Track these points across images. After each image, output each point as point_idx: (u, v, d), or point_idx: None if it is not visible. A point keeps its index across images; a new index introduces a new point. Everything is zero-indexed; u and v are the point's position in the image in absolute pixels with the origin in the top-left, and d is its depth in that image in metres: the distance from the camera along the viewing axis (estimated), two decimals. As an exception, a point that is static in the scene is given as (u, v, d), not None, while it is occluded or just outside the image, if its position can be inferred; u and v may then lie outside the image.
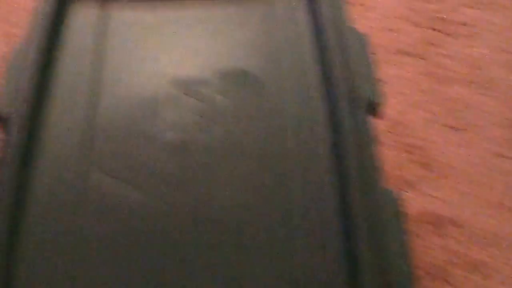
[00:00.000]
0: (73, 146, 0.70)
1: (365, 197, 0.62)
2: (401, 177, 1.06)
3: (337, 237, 0.62)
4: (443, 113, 1.16)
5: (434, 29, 1.31)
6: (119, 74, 0.77)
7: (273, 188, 0.66)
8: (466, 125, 1.14)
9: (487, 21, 1.34)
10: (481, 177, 1.06)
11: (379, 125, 0.71)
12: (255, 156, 0.69)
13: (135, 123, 0.72)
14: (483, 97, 1.19)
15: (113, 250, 0.62)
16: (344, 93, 0.70)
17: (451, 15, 1.34)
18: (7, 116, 0.70)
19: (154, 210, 0.65)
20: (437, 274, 0.96)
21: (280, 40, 0.80)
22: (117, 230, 0.64)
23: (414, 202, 1.03)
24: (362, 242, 0.60)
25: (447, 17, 1.33)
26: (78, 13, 0.84)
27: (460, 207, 1.03)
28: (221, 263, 0.61)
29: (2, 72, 0.74)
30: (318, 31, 0.79)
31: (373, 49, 0.77)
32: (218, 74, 0.77)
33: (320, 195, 0.65)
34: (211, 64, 0.78)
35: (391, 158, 1.09)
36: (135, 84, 0.76)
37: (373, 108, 0.71)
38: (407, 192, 1.05)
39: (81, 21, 0.83)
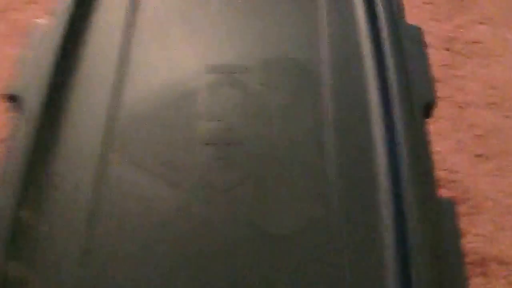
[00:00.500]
0: (96, 134, 0.61)
1: (422, 210, 0.55)
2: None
3: (392, 252, 0.54)
4: (469, 141, 1.09)
5: (447, 50, 1.25)
6: (149, 59, 0.69)
7: (320, 195, 0.58)
8: (495, 152, 1.07)
9: (500, 37, 1.28)
10: (523, 209, 1.00)
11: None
12: (300, 155, 0.60)
13: (167, 112, 0.63)
14: (506, 120, 1.13)
15: (138, 255, 0.54)
16: (399, 93, 0.62)
17: (463, 34, 1.28)
18: (22, 96, 0.61)
19: (187, 208, 0.56)
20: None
21: (330, 28, 0.71)
22: (143, 233, 0.55)
23: (452, 241, 0.96)
24: (418, 256, 0.52)
25: (459, 36, 1.28)
26: None
27: (502, 243, 0.96)
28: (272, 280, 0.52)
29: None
30: (371, 22, 0.71)
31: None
32: (261, 61, 0.68)
33: (371, 203, 0.57)
34: (252, 50, 0.69)
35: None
36: (167, 70, 0.68)
37: (428, 110, 0.63)
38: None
39: (110, 1, 0.74)
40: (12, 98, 0.62)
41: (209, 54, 0.69)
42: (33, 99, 0.61)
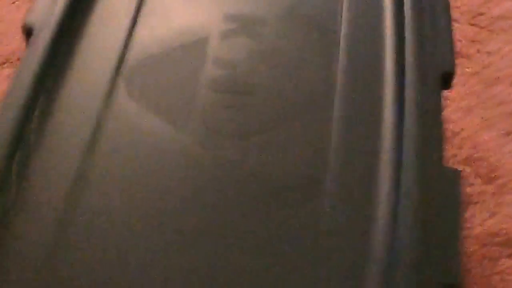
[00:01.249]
0: (104, 70, 0.61)
1: (422, 174, 0.53)
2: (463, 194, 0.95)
3: (386, 221, 0.51)
4: (497, 118, 1.05)
5: (473, 25, 1.20)
6: (166, 4, 0.68)
7: (319, 150, 0.56)
8: (525, 130, 1.03)
9: (527, 13, 1.23)
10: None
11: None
12: (307, 109, 0.59)
13: (177, 55, 0.63)
14: (535, 98, 1.09)
15: (133, 192, 0.52)
16: (414, 58, 0.61)
17: (489, 9, 1.23)
18: (35, 28, 0.62)
19: (190, 150, 0.55)
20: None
21: None
22: (140, 170, 0.53)
23: (479, 221, 0.92)
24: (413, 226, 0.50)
25: (485, 11, 1.23)
26: None
27: (531, 224, 0.92)
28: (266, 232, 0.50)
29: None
30: None
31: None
32: (277, 14, 0.67)
33: (370, 163, 0.55)
34: (270, 2, 0.69)
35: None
36: (183, 16, 0.67)
37: (446, 80, 0.62)
38: (471, 210, 0.94)
39: None
40: (27, 30, 0.62)
41: (226, 3, 0.68)
42: (46, 29, 0.61)
